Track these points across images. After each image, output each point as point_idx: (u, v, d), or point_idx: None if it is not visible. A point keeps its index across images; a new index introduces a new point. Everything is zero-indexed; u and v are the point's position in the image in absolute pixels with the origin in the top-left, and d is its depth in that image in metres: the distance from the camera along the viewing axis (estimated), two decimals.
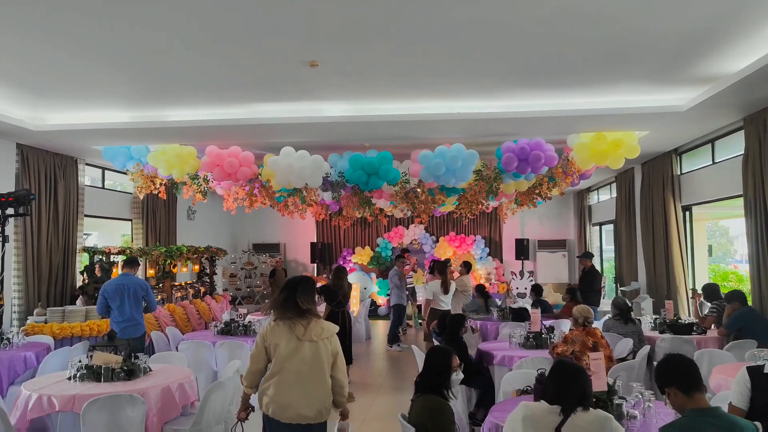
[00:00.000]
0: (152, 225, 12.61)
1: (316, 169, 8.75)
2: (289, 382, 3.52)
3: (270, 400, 3.55)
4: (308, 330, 3.59)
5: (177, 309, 11.10)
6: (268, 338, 3.63)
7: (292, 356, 3.54)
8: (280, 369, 3.55)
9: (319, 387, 3.58)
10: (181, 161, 8.87)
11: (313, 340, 3.59)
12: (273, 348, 3.60)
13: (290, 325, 3.60)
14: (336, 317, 8.22)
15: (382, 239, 17.29)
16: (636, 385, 3.66)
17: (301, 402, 3.51)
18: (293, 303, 3.63)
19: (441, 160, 8.46)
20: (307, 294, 3.69)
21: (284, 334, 3.59)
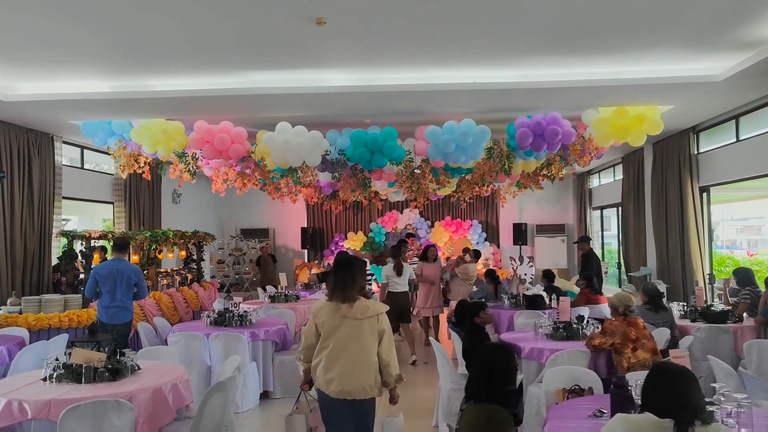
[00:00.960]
0: (135, 208, 11.86)
1: (314, 146, 8.09)
2: (334, 358, 3.66)
3: (318, 374, 3.73)
4: (354, 308, 3.70)
5: (163, 297, 10.42)
6: (317, 315, 3.82)
7: (336, 333, 3.69)
8: (326, 345, 3.71)
9: (362, 364, 3.67)
10: (167, 137, 8.15)
11: (357, 318, 3.69)
12: (321, 324, 3.78)
13: (337, 303, 3.75)
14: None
15: (375, 224, 16.68)
16: (718, 387, 3.09)
17: (344, 377, 3.63)
18: (341, 282, 3.79)
19: (450, 137, 7.84)
20: (354, 274, 3.84)
21: (331, 312, 3.75)
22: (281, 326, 6.83)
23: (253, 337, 6.45)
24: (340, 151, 8.25)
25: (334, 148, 8.36)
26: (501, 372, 3.11)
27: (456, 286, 9.72)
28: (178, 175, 8.93)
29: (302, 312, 8.80)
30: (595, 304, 8.24)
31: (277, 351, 6.85)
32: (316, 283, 11.80)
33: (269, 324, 6.90)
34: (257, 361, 6.50)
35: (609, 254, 15.42)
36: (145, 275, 10.56)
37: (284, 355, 6.79)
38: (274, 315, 7.80)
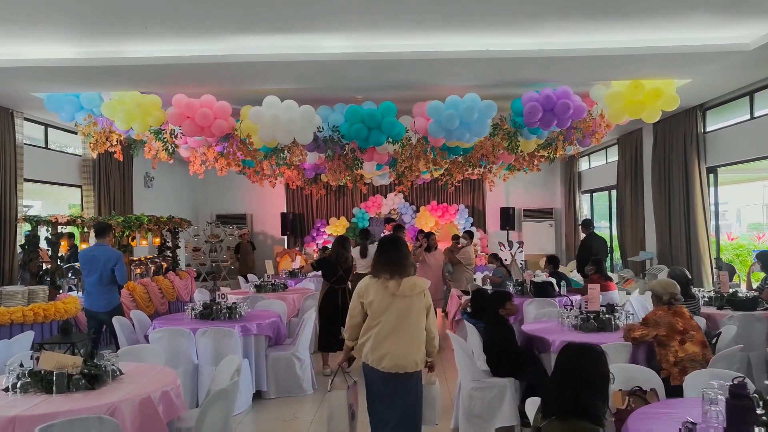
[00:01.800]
0: (105, 192, 11.02)
1: (306, 122, 7.42)
2: (385, 335, 3.74)
3: (368, 350, 3.79)
4: (402, 286, 3.74)
5: (137, 288, 9.66)
6: (364, 294, 3.85)
7: (386, 311, 3.75)
8: (377, 323, 3.77)
9: (413, 339, 3.78)
10: (142, 112, 7.39)
11: (406, 296, 3.76)
12: (368, 303, 3.81)
13: (384, 281, 3.78)
14: (335, 296, 7.02)
15: (358, 209, 16.05)
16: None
17: (397, 353, 3.72)
18: (389, 260, 3.82)
19: (454, 112, 7.25)
20: (403, 251, 3.88)
21: (379, 291, 3.79)
22: (274, 319, 6.19)
23: (244, 331, 5.80)
24: (333, 128, 7.60)
25: (327, 124, 7.69)
26: (590, 379, 2.55)
27: (458, 274, 9.18)
28: (154, 155, 8.18)
29: (292, 302, 8.16)
30: (605, 291, 7.79)
31: (270, 346, 6.22)
32: (301, 271, 11.15)
33: (261, 317, 6.25)
34: (249, 358, 5.86)
35: None
36: None
37: (278, 351, 6.16)
38: (263, 306, 7.15)
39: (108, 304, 6.60)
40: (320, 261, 7.26)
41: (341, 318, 6.98)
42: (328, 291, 7.09)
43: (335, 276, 7.04)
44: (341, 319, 6.99)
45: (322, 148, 7.95)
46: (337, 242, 7.16)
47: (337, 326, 6.94)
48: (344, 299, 6.97)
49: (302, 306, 7.88)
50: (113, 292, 6.70)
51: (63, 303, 7.49)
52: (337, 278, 7.06)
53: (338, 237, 7.26)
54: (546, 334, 5.00)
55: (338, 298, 7.01)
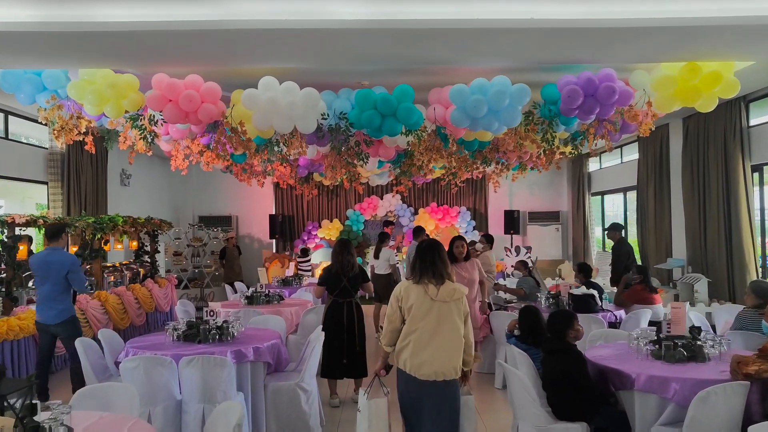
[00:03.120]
0: (75, 190, 9.85)
1: (309, 107, 6.35)
2: (424, 341, 3.66)
3: (407, 357, 3.69)
4: (440, 291, 3.70)
5: (110, 298, 8.53)
6: (403, 298, 3.77)
7: (425, 316, 3.69)
8: (416, 329, 3.69)
9: (452, 345, 3.69)
10: (117, 94, 6.27)
11: (445, 301, 3.70)
12: (407, 309, 3.74)
13: (424, 286, 3.72)
14: (338, 312, 5.95)
15: (353, 211, 15.00)
16: None
17: (436, 360, 3.64)
18: (430, 266, 3.76)
19: (482, 97, 6.24)
20: (441, 258, 3.79)
21: (418, 296, 3.72)
22: (274, 341, 5.10)
23: (238, 357, 4.70)
24: (341, 115, 6.53)
25: (333, 111, 6.63)
26: None
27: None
28: (130, 147, 7.05)
29: (290, 316, 7.07)
30: (649, 304, 6.81)
31: (269, 373, 5.12)
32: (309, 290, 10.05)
33: (257, 338, 5.16)
34: (244, 390, 4.76)
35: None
36: (87, 271, 8.64)
37: (280, 380, 5.05)
38: (258, 323, 6.06)
39: (59, 314, 5.76)
40: (324, 273, 6.17)
41: (347, 339, 5.90)
42: (331, 306, 6.00)
43: (338, 288, 5.96)
44: (347, 340, 5.90)
45: (326, 138, 6.88)
46: (338, 247, 6.09)
47: (342, 349, 5.87)
48: (350, 316, 5.91)
49: (302, 321, 6.79)
50: (66, 302, 5.83)
51: (18, 319, 6.36)
52: (340, 290, 5.96)
53: (340, 241, 6.18)
54: (622, 365, 3.98)
55: (343, 315, 5.92)
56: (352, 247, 6.18)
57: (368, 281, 6.21)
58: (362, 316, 6.07)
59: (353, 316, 5.94)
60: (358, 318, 5.99)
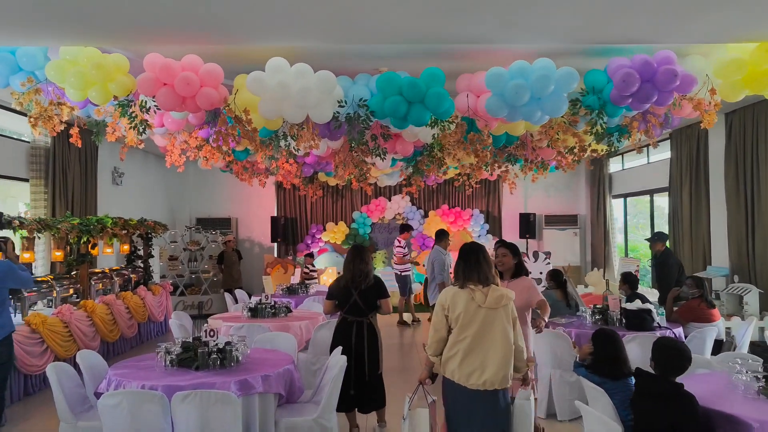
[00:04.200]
0: (61, 188, 9.00)
1: (325, 92, 5.53)
2: (473, 350, 3.59)
3: (455, 367, 3.61)
4: (488, 297, 3.60)
5: (98, 308, 7.70)
6: (450, 306, 3.67)
7: (473, 324, 3.60)
8: (464, 337, 3.61)
9: (502, 353, 3.58)
10: (103, 76, 5.43)
11: (493, 308, 3.60)
12: (454, 317, 3.64)
13: (470, 292, 3.64)
14: (347, 332, 5.05)
15: (359, 213, 14.17)
16: None
17: (486, 369, 3.55)
18: (474, 269, 3.69)
19: (524, 82, 5.42)
20: (486, 260, 3.73)
21: (464, 302, 3.63)
22: (287, 366, 4.27)
23: (244, 389, 3.87)
24: (360, 102, 5.70)
25: (350, 98, 5.81)
26: None
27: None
28: (120, 139, 6.21)
29: (299, 332, 6.24)
30: (706, 322, 6.01)
31: (280, 405, 4.29)
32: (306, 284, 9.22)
33: (266, 363, 4.33)
34: (252, 429, 3.93)
35: (635, 250, 13.36)
36: (73, 277, 7.81)
37: (294, 415, 4.21)
38: (264, 342, 5.23)
39: None
40: (333, 285, 5.27)
41: (356, 367, 4.90)
42: (340, 325, 5.11)
43: (348, 303, 5.03)
44: (356, 368, 4.89)
45: (343, 129, 6.05)
46: (350, 254, 5.12)
47: (349, 377, 4.78)
48: (359, 339, 4.96)
49: (313, 338, 5.96)
50: (4, 317, 5.02)
51: None
52: (350, 306, 5.01)
53: (353, 247, 5.20)
54: (731, 407, 3.15)
55: (351, 337, 4.98)
56: (367, 254, 5.16)
57: (386, 297, 5.12)
58: (376, 339, 5.08)
59: (363, 340, 4.97)
60: (370, 342, 5.00)
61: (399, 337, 9.87)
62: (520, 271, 4.89)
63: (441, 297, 3.75)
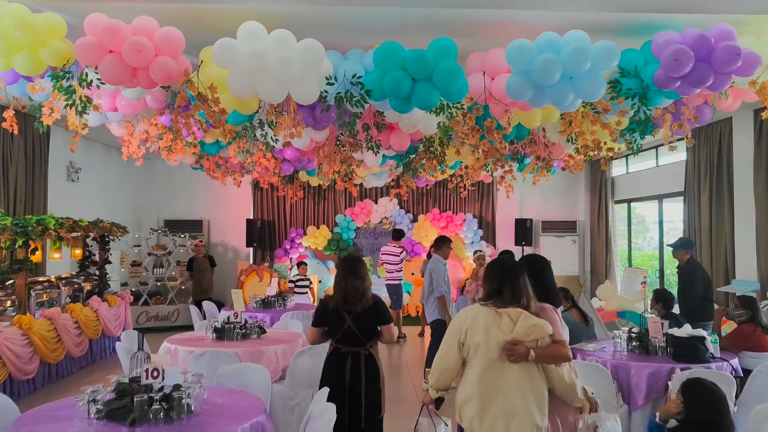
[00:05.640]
0: (2, 184, 7.80)
1: (310, 66, 4.46)
2: (496, 393, 2.96)
3: (473, 415, 2.98)
4: (518, 327, 2.96)
5: (36, 324, 6.53)
6: (469, 330, 3.02)
7: (498, 359, 2.96)
8: (481, 373, 2.98)
9: (534, 399, 2.96)
10: (32, 39, 4.31)
11: (522, 339, 2.95)
12: (473, 345, 3.00)
13: (495, 317, 3.01)
14: (340, 365, 4.02)
15: (342, 216, 13.11)
16: None
17: (515, 417, 2.92)
18: (511, 289, 3.07)
19: (555, 57, 4.42)
20: (516, 276, 3.09)
21: (487, 329, 2.99)
22: (257, 419, 3.19)
23: None
24: (354, 78, 4.64)
25: (342, 75, 4.75)
26: None
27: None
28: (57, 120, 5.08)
29: (274, 359, 5.14)
30: (761, 351, 5.05)
31: None
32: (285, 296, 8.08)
33: (228, 413, 3.25)
34: None
35: (644, 261, 12.47)
36: (8, 287, 6.64)
37: None
38: (229, 377, 4.15)
39: None
40: (319, 307, 4.21)
41: (349, 409, 3.89)
42: (331, 357, 4.07)
43: (339, 330, 4.01)
44: (349, 410, 3.88)
45: (331, 115, 5.00)
46: (341, 268, 4.13)
47: (342, 421, 3.85)
48: (355, 374, 3.96)
49: (292, 366, 4.88)
50: None
51: None
52: (343, 334, 4.01)
53: (344, 259, 4.19)
54: None
55: (345, 372, 3.96)
56: (362, 267, 4.13)
57: (389, 322, 4.10)
58: (377, 375, 4.06)
59: (359, 375, 3.95)
60: (369, 378, 3.98)
61: (387, 357, 8.82)
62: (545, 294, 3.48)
63: (458, 317, 3.12)
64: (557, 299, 3.48)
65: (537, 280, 3.36)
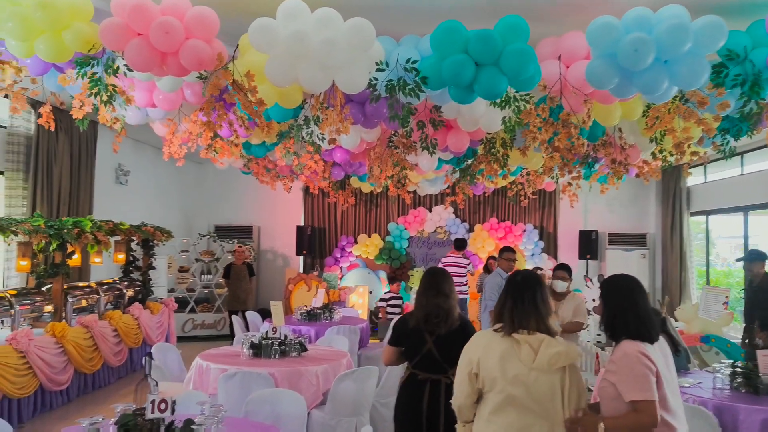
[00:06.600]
0: (45, 185, 7.56)
1: (358, 48, 3.91)
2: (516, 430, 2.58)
3: None
4: (538, 356, 2.56)
5: (70, 332, 6.19)
6: (481, 365, 2.65)
7: (518, 392, 2.58)
8: (500, 412, 2.61)
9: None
10: (53, 21, 3.92)
11: (546, 370, 2.57)
12: (487, 380, 2.63)
13: (512, 346, 2.63)
14: (417, 394, 3.41)
15: (395, 225, 12.51)
16: None
17: None
18: (531, 311, 2.68)
19: (646, 35, 3.72)
20: (543, 300, 2.72)
21: (503, 360, 2.61)
22: None
23: None
24: (408, 64, 4.05)
25: (394, 61, 4.17)
26: None
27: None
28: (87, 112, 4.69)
29: (315, 382, 4.57)
30: None
31: None
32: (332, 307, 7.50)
33: None
34: None
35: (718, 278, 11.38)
36: (45, 293, 6.34)
37: None
38: (259, 405, 3.60)
39: None
40: (397, 326, 3.64)
41: None
42: (407, 384, 3.47)
43: (418, 353, 3.42)
44: None
45: (381, 109, 4.43)
46: (424, 282, 3.55)
47: None
48: (434, 406, 3.34)
49: (333, 392, 4.30)
50: None
51: None
52: (422, 358, 3.43)
53: (428, 272, 3.56)
54: None
55: (422, 403, 3.35)
56: (447, 282, 3.54)
57: None
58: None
59: (438, 407, 3.33)
60: (449, 411, 3.26)
61: None
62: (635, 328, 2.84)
63: (469, 345, 2.78)
64: (652, 333, 2.77)
65: (626, 308, 2.76)
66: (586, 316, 5.57)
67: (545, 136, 4.21)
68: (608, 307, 2.86)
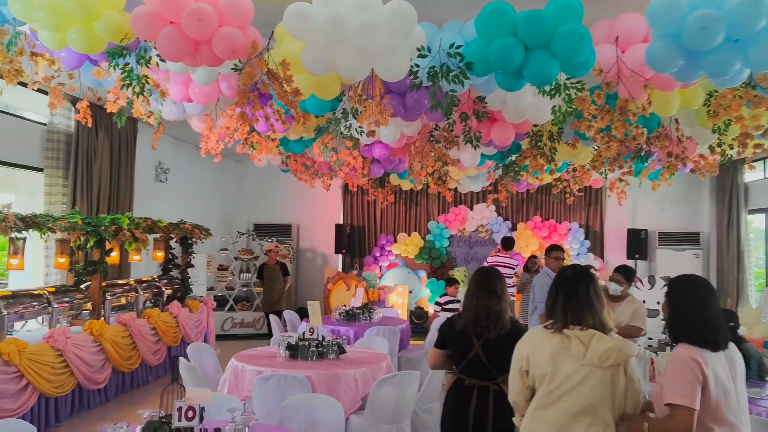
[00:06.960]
0: (86, 182, 7.57)
1: (399, 33, 3.67)
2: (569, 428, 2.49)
3: None
4: (589, 351, 2.46)
5: (108, 330, 6.12)
6: (531, 362, 2.59)
7: (572, 390, 2.48)
8: (554, 407, 2.51)
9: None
10: (84, 10, 3.81)
11: (597, 366, 2.45)
12: (538, 376, 2.57)
13: (563, 342, 2.53)
14: (462, 402, 3.19)
15: (435, 223, 12.24)
16: None
17: None
18: (585, 305, 2.57)
19: (715, 11, 3.38)
20: (597, 294, 2.61)
21: (554, 356, 2.53)
22: None
23: None
24: (452, 49, 3.80)
25: (437, 47, 3.92)
26: None
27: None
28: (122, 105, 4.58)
29: (353, 385, 4.35)
30: None
31: None
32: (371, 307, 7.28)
33: None
34: None
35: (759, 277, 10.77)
36: (84, 290, 6.31)
37: None
38: (294, 410, 3.41)
39: None
40: (443, 328, 3.42)
41: None
42: (453, 390, 3.25)
43: (465, 357, 3.20)
44: None
45: (422, 99, 4.19)
46: (474, 281, 3.33)
47: None
48: (481, 414, 3.11)
49: (372, 397, 4.09)
50: None
51: None
52: (470, 362, 3.22)
53: (479, 272, 3.34)
54: None
55: (468, 410, 3.13)
56: (499, 282, 3.31)
57: None
58: (507, 417, 3.08)
59: (486, 416, 3.11)
60: (497, 420, 3.12)
61: None
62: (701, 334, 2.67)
63: (520, 345, 2.70)
64: (718, 338, 2.52)
65: (691, 310, 2.57)
66: (645, 321, 5.21)
67: (601, 124, 3.90)
68: (672, 308, 2.66)
